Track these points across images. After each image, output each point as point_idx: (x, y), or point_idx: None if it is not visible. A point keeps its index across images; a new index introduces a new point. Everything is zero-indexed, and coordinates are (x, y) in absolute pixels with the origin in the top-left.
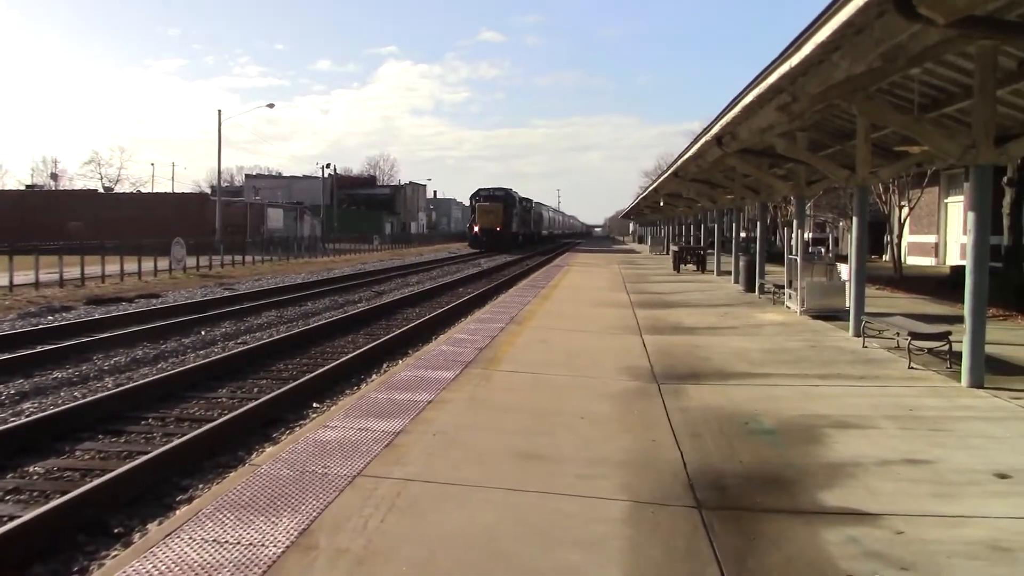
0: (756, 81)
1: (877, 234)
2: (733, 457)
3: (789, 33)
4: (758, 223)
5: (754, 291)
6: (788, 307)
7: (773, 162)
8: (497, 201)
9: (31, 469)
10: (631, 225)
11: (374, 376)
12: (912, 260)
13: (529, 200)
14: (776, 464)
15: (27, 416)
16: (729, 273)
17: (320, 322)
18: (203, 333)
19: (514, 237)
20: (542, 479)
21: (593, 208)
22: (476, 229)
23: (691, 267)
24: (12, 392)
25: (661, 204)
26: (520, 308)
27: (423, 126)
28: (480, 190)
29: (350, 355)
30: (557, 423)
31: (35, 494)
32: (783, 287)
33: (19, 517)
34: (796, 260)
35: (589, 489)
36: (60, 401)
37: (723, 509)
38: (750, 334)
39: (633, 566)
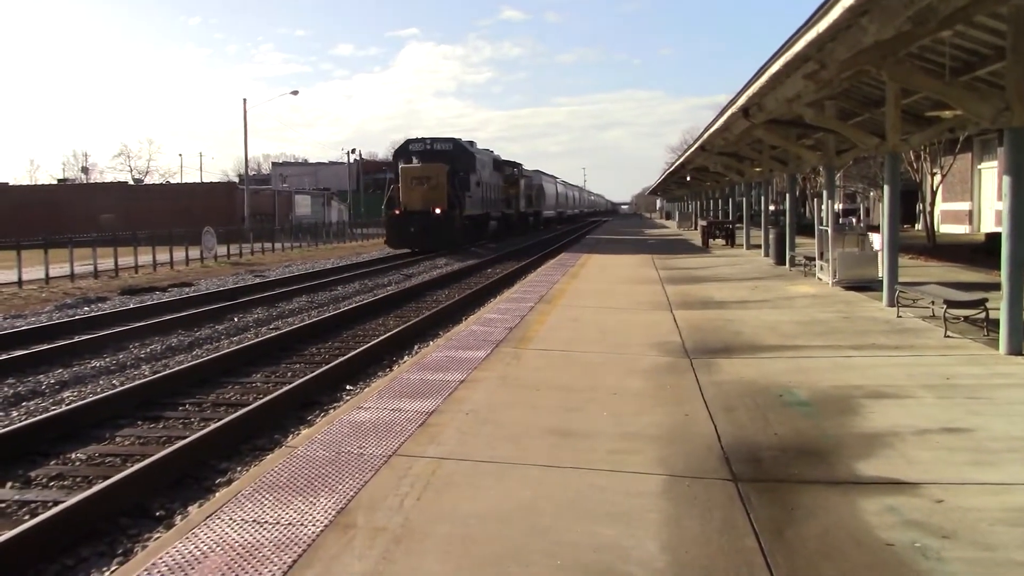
0: (783, 49)
1: (909, 203)
2: (768, 429)
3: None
4: (787, 195)
5: (785, 264)
6: (820, 279)
7: (801, 132)
8: (437, 159)
9: (73, 455)
10: (658, 201)
11: (406, 357)
12: (945, 228)
13: (515, 164)
14: (811, 435)
15: (68, 404)
16: (759, 247)
17: (351, 306)
18: (236, 320)
19: (480, 223)
20: (576, 455)
21: (619, 186)
22: (398, 211)
23: (720, 241)
24: (52, 381)
25: (688, 179)
26: (549, 287)
27: (446, 108)
28: (409, 142)
29: (381, 337)
30: (589, 399)
31: (78, 479)
32: (814, 259)
33: (64, 502)
34: (827, 231)
35: (624, 464)
36: (99, 389)
37: (759, 481)
38: (782, 307)
39: (671, 539)
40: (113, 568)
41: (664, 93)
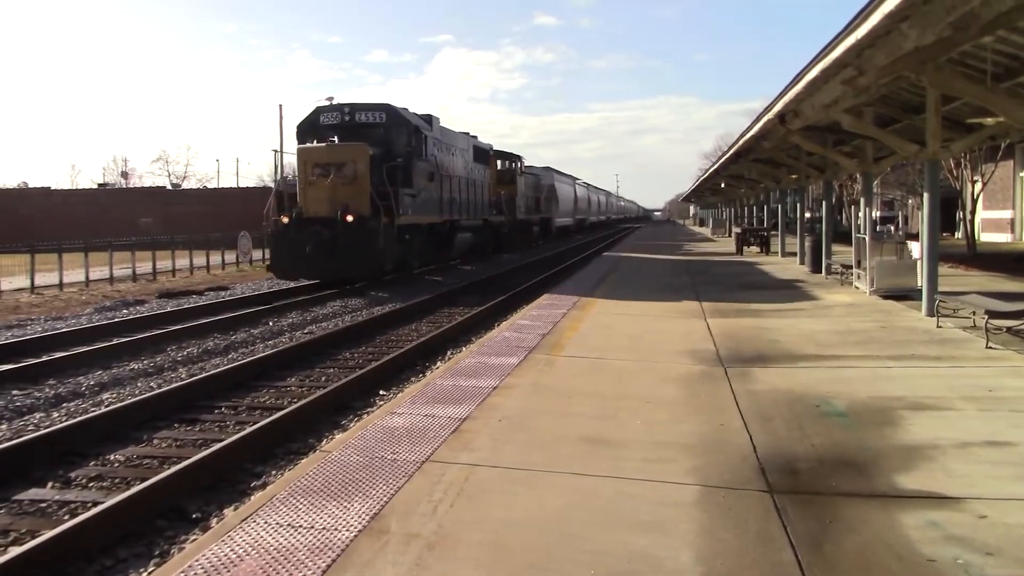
0: (820, 55)
1: (948, 211)
2: (804, 440)
3: (853, 5)
4: (823, 202)
5: (820, 272)
6: (857, 287)
7: (838, 139)
8: (360, 135)
9: (112, 457)
10: (691, 208)
11: (439, 363)
12: (986, 237)
13: (513, 156)
14: (850, 447)
15: (107, 406)
16: (794, 254)
17: (384, 311)
18: (271, 324)
19: (440, 236)
20: (609, 463)
21: (652, 192)
22: (286, 219)
23: (754, 249)
24: (92, 383)
25: (722, 186)
26: (581, 294)
27: (479, 114)
28: (320, 111)
29: (414, 343)
30: (622, 407)
31: (116, 481)
32: (851, 267)
33: (103, 503)
34: (864, 239)
35: (657, 473)
36: (137, 391)
37: (796, 493)
38: (818, 315)
39: (705, 550)
40: (151, 569)
41: (698, 99)
